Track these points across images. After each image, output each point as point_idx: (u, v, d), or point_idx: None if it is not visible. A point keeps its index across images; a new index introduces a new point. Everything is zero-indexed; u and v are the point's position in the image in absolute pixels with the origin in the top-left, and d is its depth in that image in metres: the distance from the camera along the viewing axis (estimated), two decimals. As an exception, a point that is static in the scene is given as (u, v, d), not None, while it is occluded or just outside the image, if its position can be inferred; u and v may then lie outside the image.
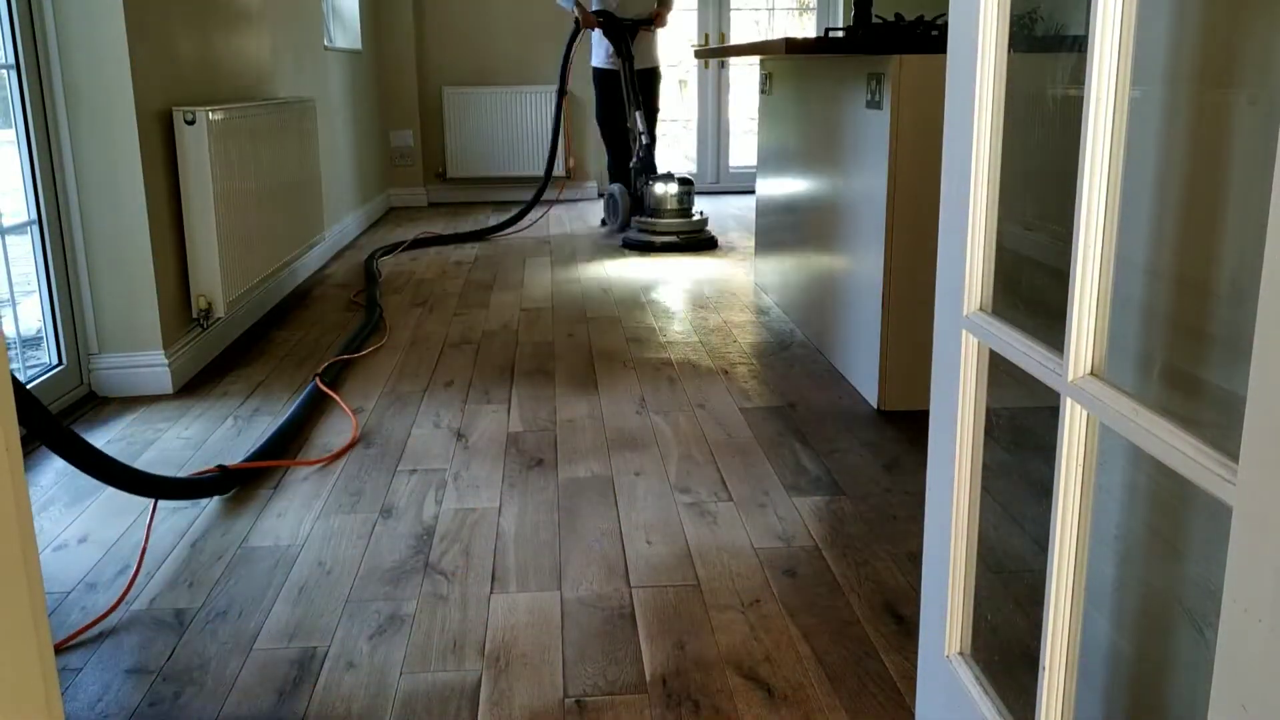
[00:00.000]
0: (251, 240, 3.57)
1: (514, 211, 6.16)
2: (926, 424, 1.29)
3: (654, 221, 5.31)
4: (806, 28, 8.04)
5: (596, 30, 5.70)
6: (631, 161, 5.66)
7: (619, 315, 3.94)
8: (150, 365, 3.00)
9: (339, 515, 2.20)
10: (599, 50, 5.80)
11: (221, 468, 2.31)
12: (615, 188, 5.76)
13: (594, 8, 5.67)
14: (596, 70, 5.87)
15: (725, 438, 2.62)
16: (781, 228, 3.92)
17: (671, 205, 5.33)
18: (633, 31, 5.65)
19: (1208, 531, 1.04)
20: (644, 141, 5.57)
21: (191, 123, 3.09)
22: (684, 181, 5.40)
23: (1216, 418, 1.00)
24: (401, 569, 1.96)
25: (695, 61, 7.63)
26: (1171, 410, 0.79)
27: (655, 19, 5.72)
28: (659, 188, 5.34)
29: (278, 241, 3.92)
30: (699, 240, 5.31)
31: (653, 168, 5.57)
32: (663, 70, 6.02)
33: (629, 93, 5.61)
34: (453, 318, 3.92)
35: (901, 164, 2.68)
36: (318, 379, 3.00)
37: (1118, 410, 0.85)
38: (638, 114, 5.56)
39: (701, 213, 5.44)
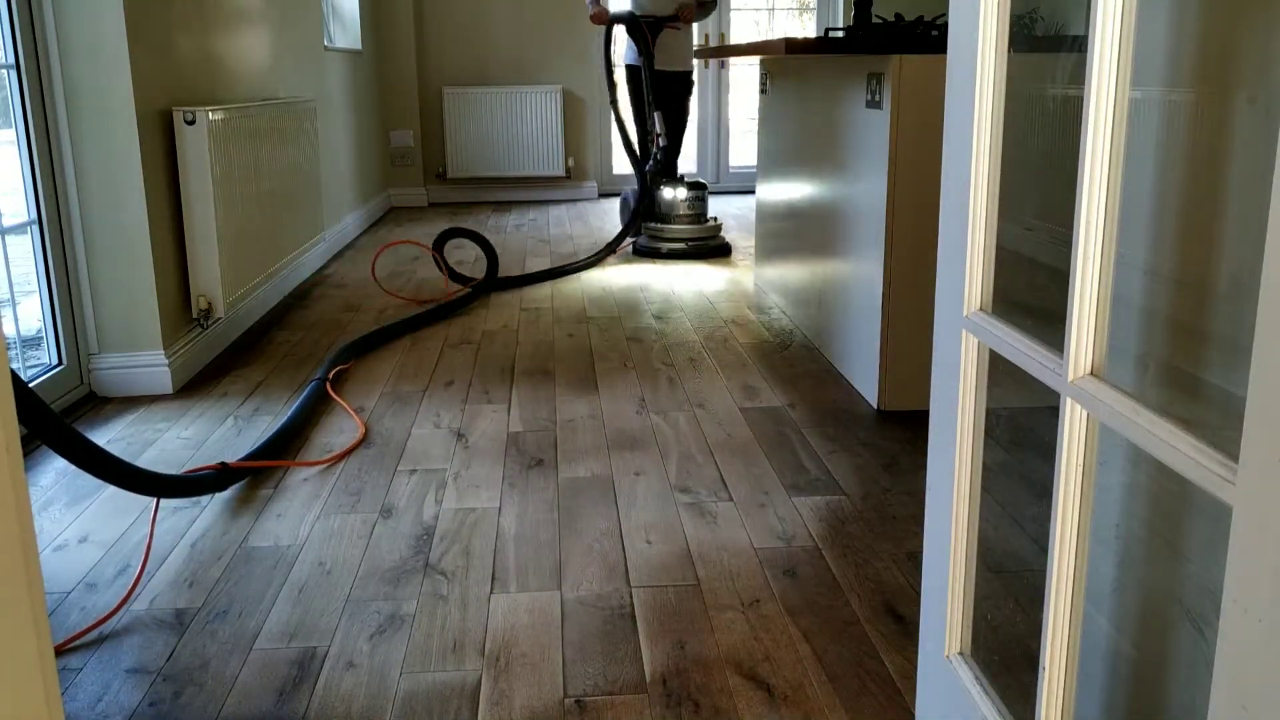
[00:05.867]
0: (251, 240, 3.57)
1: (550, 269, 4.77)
2: (926, 424, 1.29)
3: (663, 228, 5.16)
4: (806, 28, 8.04)
5: (622, 27, 5.44)
6: (648, 165, 5.39)
7: (619, 315, 3.93)
8: (150, 365, 3.00)
9: (339, 515, 2.20)
10: (629, 48, 5.51)
11: (223, 465, 2.31)
12: (628, 191, 5.51)
13: (626, 7, 5.47)
14: (627, 68, 5.59)
15: (725, 438, 2.62)
16: (782, 228, 3.92)
17: (681, 211, 5.17)
18: (654, 30, 5.34)
19: (1208, 531, 1.04)
20: (661, 144, 5.35)
21: (191, 123, 3.09)
22: (695, 185, 5.20)
23: (1216, 418, 1.00)
24: (401, 569, 1.96)
25: (695, 61, 7.62)
26: (1171, 410, 0.79)
27: (681, 13, 5.33)
28: (667, 192, 5.18)
29: (278, 241, 3.92)
30: (709, 248, 5.14)
31: (671, 172, 5.39)
32: (695, 76, 5.77)
33: (648, 94, 5.38)
34: (453, 317, 3.92)
35: (901, 164, 2.68)
36: (328, 384, 3.00)
37: (1118, 410, 0.85)
38: (657, 115, 5.33)
39: (715, 219, 5.29)
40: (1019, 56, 1.12)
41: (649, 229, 5.21)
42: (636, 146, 5.58)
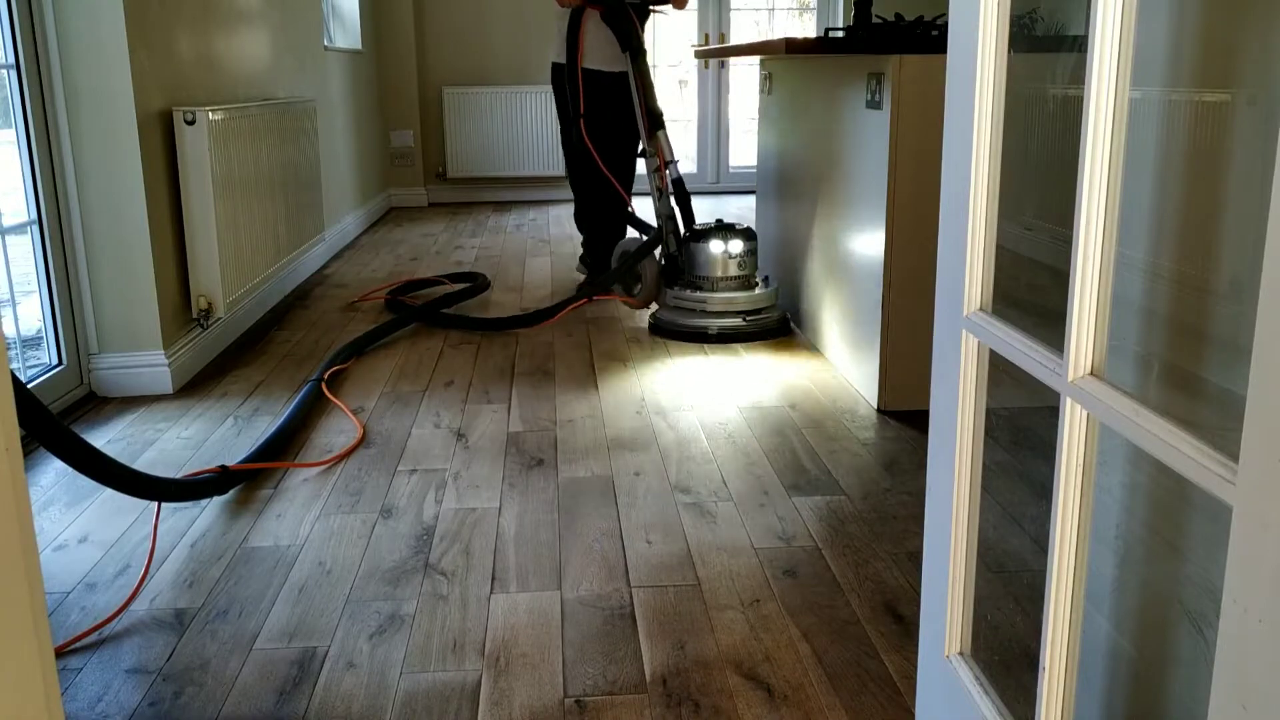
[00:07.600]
0: (251, 240, 3.57)
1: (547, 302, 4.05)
2: (926, 424, 1.29)
3: (707, 298, 3.59)
4: (806, 28, 8.04)
5: (594, 18, 4.04)
6: (656, 201, 3.87)
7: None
8: (150, 365, 3.00)
9: (339, 515, 2.20)
10: (597, 48, 4.11)
11: (223, 468, 2.31)
12: (630, 241, 4.07)
13: None
14: (590, 74, 4.12)
15: (725, 437, 2.62)
16: (781, 227, 3.92)
17: (731, 271, 3.63)
18: (643, 17, 4.07)
19: (1208, 531, 1.04)
20: (676, 174, 3.83)
21: (191, 123, 3.09)
22: (745, 234, 3.66)
23: (1216, 418, 1.00)
24: (401, 569, 1.96)
25: (695, 61, 7.63)
26: (1171, 410, 0.79)
27: None
28: (715, 246, 3.61)
29: (278, 241, 3.92)
30: (772, 324, 3.62)
31: (691, 216, 3.81)
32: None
33: (642, 106, 3.90)
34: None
35: (901, 164, 2.68)
36: (324, 385, 3.00)
37: (1118, 410, 0.85)
38: (661, 135, 3.84)
39: (767, 279, 3.77)
40: (1019, 56, 1.12)
41: (680, 299, 3.67)
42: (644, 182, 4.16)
